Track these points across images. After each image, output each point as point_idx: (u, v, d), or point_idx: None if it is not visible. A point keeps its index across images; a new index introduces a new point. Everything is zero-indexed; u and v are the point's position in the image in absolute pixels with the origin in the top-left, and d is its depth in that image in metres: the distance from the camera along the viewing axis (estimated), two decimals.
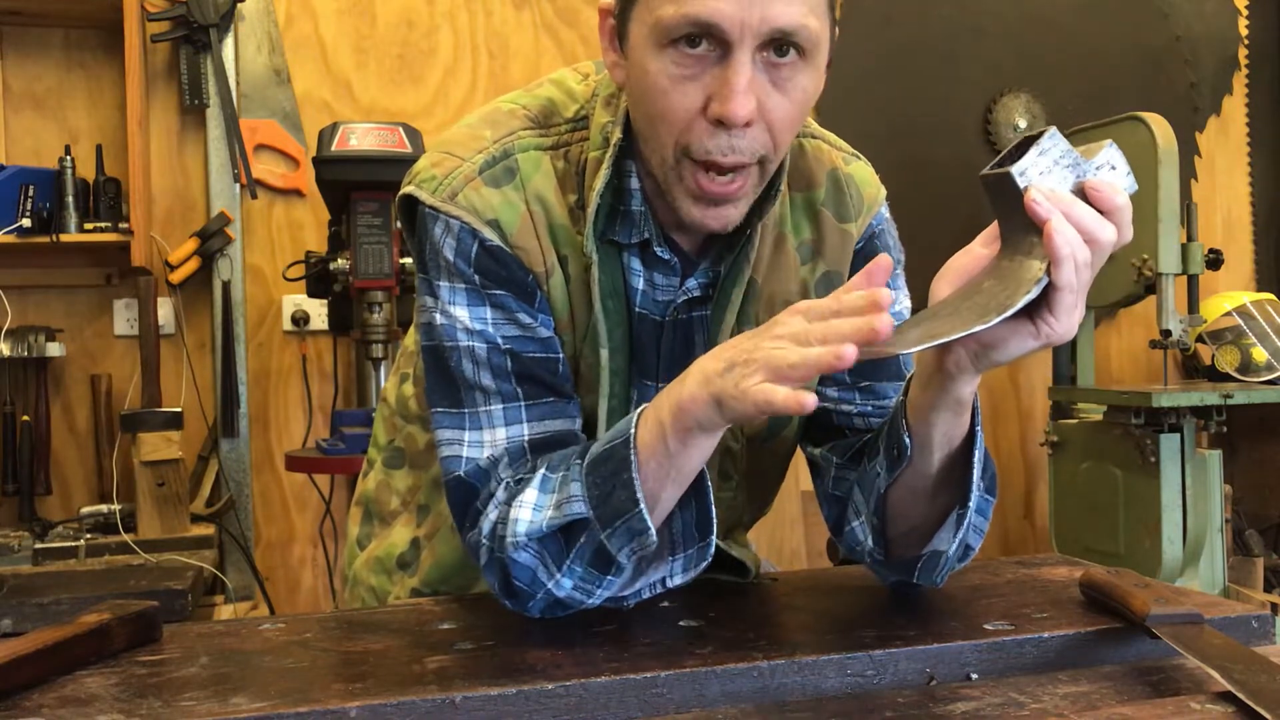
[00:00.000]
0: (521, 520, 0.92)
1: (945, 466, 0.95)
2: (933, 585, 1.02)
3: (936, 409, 0.92)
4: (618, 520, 0.89)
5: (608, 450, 0.90)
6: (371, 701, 0.78)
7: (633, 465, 0.88)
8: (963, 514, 0.96)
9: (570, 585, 0.93)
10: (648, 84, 0.93)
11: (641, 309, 1.05)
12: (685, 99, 0.91)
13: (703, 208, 0.95)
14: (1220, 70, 3.78)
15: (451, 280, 1.00)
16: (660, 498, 0.90)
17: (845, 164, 1.13)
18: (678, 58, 0.90)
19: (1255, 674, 0.76)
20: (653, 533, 0.89)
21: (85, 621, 0.90)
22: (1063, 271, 0.80)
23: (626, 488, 0.88)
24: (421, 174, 1.03)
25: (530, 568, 0.93)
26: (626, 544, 0.89)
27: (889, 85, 3.44)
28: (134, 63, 2.69)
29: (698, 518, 0.92)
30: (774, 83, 0.92)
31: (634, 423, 0.90)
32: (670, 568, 0.94)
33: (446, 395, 1.01)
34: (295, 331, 3.00)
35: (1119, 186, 0.84)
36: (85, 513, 2.63)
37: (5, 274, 2.77)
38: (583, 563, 0.92)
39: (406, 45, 3.09)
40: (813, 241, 1.11)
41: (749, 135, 0.92)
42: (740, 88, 0.89)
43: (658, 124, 0.94)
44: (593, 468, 0.91)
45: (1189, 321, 2.93)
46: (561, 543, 0.92)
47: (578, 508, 0.90)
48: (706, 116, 0.91)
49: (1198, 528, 2.80)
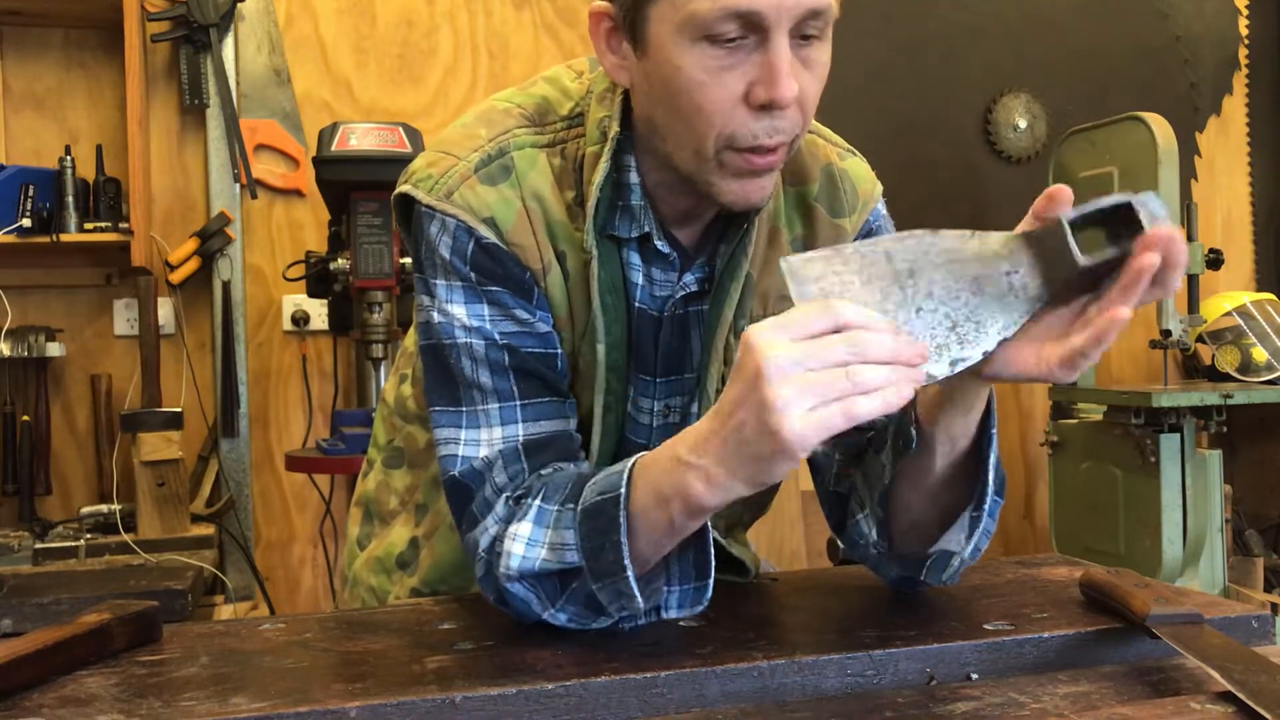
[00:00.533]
0: (515, 555, 0.92)
1: (950, 465, 0.95)
2: (941, 585, 1.02)
3: (940, 405, 0.92)
4: (606, 579, 0.89)
5: (598, 504, 0.89)
6: (371, 701, 0.78)
7: (621, 529, 0.87)
8: (977, 516, 0.96)
9: (565, 619, 0.93)
10: (680, 80, 0.92)
11: (639, 304, 1.05)
12: (725, 90, 0.91)
13: (745, 181, 0.95)
14: (1220, 70, 3.78)
15: (448, 278, 1.00)
16: (654, 558, 0.90)
17: (840, 159, 1.13)
18: (713, 50, 0.90)
19: (1255, 674, 0.76)
20: (639, 599, 0.88)
21: (85, 621, 0.89)
22: (1160, 232, 0.79)
23: (615, 550, 0.87)
24: (417, 173, 1.03)
25: (525, 599, 0.93)
26: (614, 601, 0.90)
27: (889, 85, 3.44)
28: (134, 63, 2.69)
29: (695, 558, 0.92)
30: (803, 61, 0.92)
31: (624, 481, 0.88)
32: (665, 599, 0.93)
33: (445, 393, 1.01)
34: (295, 331, 3.00)
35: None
36: (85, 513, 2.63)
37: (5, 274, 2.77)
38: (576, 604, 0.92)
39: (406, 45, 3.09)
40: (805, 236, 1.10)
41: (788, 115, 0.92)
42: (785, 70, 0.89)
43: (694, 118, 0.93)
44: (585, 518, 0.89)
45: (1189, 321, 2.94)
46: (556, 584, 0.92)
47: (571, 557, 0.90)
48: (749, 103, 0.91)
49: (1198, 528, 2.80)
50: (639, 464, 0.89)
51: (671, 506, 0.85)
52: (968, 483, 0.96)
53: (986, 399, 0.93)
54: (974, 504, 0.96)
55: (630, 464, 0.89)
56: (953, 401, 0.91)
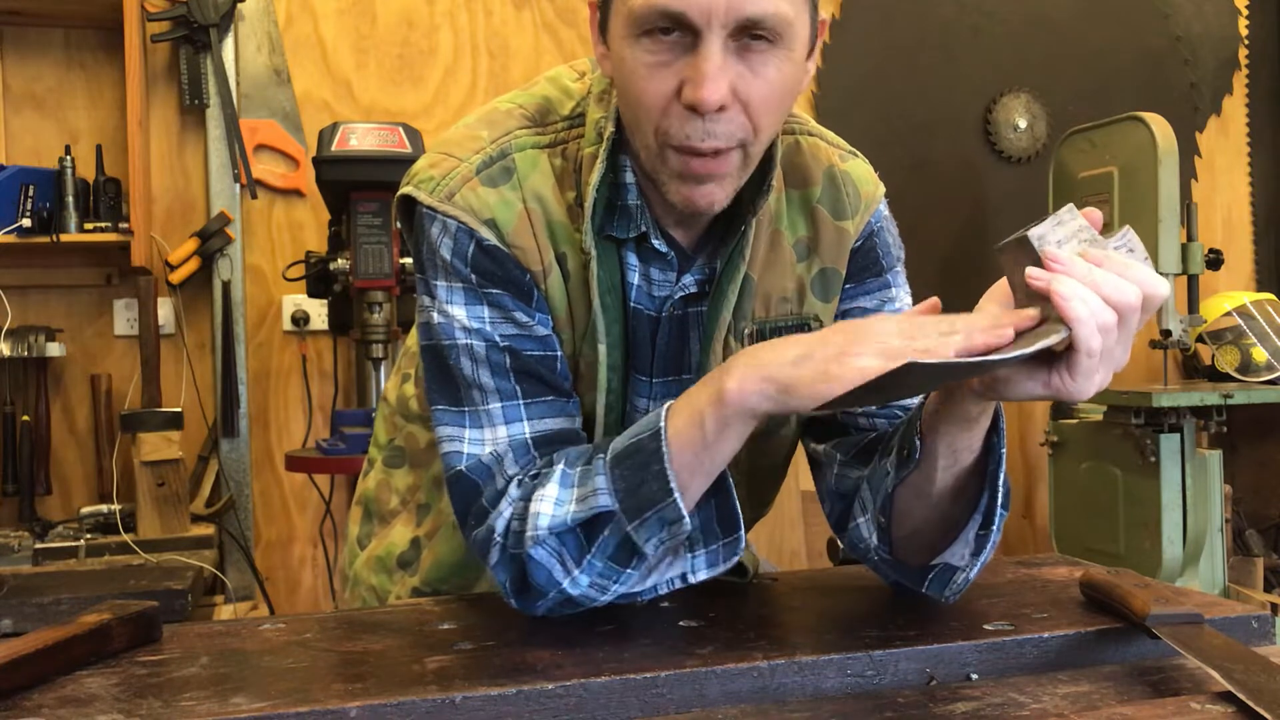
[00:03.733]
0: (544, 514, 0.93)
1: (954, 477, 0.95)
2: (943, 600, 1.00)
3: (943, 418, 0.92)
4: (648, 511, 0.89)
5: (634, 444, 0.91)
6: (371, 701, 0.78)
7: (665, 457, 0.89)
8: (985, 535, 0.96)
9: (587, 582, 0.93)
10: (625, 72, 0.95)
11: (637, 304, 1.05)
12: (660, 85, 0.92)
13: (689, 186, 0.96)
14: (1220, 70, 3.78)
15: (449, 280, 1.00)
16: (690, 489, 0.91)
17: (842, 161, 1.13)
18: (650, 45, 0.92)
19: (1255, 674, 0.76)
20: (687, 521, 0.90)
21: (85, 621, 0.90)
22: (1081, 331, 0.78)
23: (659, 479, 0.89)
24: (419, 174, 1.03)
25: (546, 566, 0.93)
26: (657, 533, 0.90)
27: (889, 85, 3.44)
28: (134, 63, 2.69)
29: (719, 513, 0.93)
30: (749, 66, 0.92)
31: (663, 416, 0.91)
32: (691, 564, 0.94)
33: (446, 393, 1.01)
34: (295, 331, 3.00)
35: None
36: (85, 513, 2.63)
37: (5, 274, 2.77)
38: (604, 557, 0.92)
39: (406, 45, 3.09)
40: (808, 239, 1.11)
41: (724, 119, 0.92)
42: (709, 73, 0.89)
43: (637, 111, 0.95)
44: (618, 461, 0.91)
45: (1189, 321, 2.94)
46: (582, 538, 0.92)
47: (604, 500, 0.91)
48: (680, 102, 0.92)
49: (1198, 528, 2.80)
50: (676, 401, 0.93)
51: (698, 413, 0.89)
52: (970, 497, 0.96)
53: (992, 416, 0.92)
54: (982, 523, 0.96)
55: (667, 405, 0.93)
56: (951, 414, 0.91)
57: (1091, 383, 0.81)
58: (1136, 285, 0.80)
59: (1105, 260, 0.81)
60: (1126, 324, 0.81)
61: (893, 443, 0.99)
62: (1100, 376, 0.81)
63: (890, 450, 0.99)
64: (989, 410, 0.91)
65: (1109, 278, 0.80)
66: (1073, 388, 0.81)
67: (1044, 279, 0.80)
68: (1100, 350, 0.79)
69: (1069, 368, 0.80)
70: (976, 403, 0.89)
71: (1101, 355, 0.80)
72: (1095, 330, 0.78)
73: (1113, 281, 0.80)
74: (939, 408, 0.92)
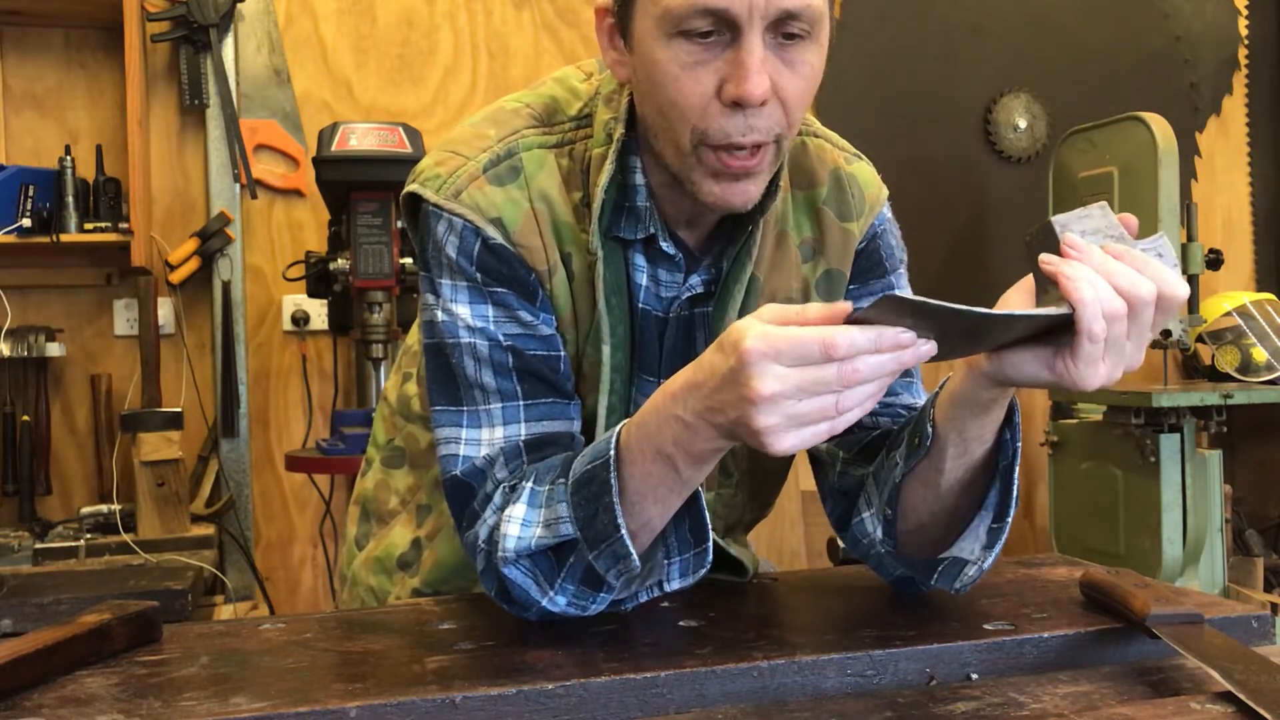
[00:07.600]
0: (510, 536, 0.92)
1: (964, 467, 0.95)
2: (953, 592, 1.00)
3: (956, 403, 0.92)
4: (602, 544, 0.89)
5: (589, 472, 0.90)
6: (371, 701, 0.78)
7: (613, 490, 0.87)
8: (998, 529, 0.96)
9: (564, 602, 0.93)
10: (658, 74, 0.93)
11: (644, 305, 1.05)
12: (698, 85, 0.92)
13: (725, 184, 0.95)
14: (1220, 70, 3.78)
15: (453, 278, 1.00)
16: (652, 518, 0.90)
17: (847, 163, 1.14)
18: (687, 45, 0.91)
19: (1255, 674, 0.76)
20: (635, 559, 0.88)
21: (85, 621, 0.90)
22: (1084, 313, 0.78)
23: (608, 512, 0.87)
24: (426, 172, 1.03)
25: (523, 585, 0.93)
26: (612, 566, 0.90)
27: (889, 85, 3.44)
28: (134, 63, 2.69)
29: (691, 524, 0.92)
30: (784, 61, 0.92)
31: (613, 444, 0.89)
32: (666, 572, 0.94)
33: (447, 393, 1.01)
34: (295, 331, 3.00)
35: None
36: (85, 513, 2.63)
37: (5, 274, 2.77)
38: (574, 581, 0.92)
39: (406, 45, 3.09)
40: (814, 240, 1.11)
41: (764, 114, 0.92)
42: (754, 68, 0.89)
43: (670, 113, 0.94)
44: (577, 488, 0.90)
45: (1189, 321, 2.93)
46: (553, 561, 0.92)
47: (566, 529, 0.90)
48: (721, 100, 0.91)
49: (1198, 528, 2.80)
50: (626, 426, 0.90)
51: (666, 455, 0.86)
52: (978, 492, 0.96)
53: (1007, 406, 0.92)
54: (995, 516, 0.96)
55: (618, 429, 0.90)
56: (965, 400, 0.91)
57: (1095, 371, 0.81)
58: (1153, 281, 0.80)
59: (1126, 255, 0.81)
60: (1138, 318, 0.80)
61: (902, 435, 0.99)
62: (1106, 368, 0.81)
63: (900, 443, 0.99)
64: (1001, 401, 0.91)
65: (1124, 269, 0.80)
66: (1075, 374, 0.81)
67: (1053, 262, 0.80)
68: (1105, 337, 0.79)
69: (1072, 353, 0.80)
70: (988, 388, 0.89)
71: (1108, 344, 0.80)
72: (1099, 314, 0.78)
73: (1127, 273, 0.80)
74: (952, 390, 0.92)
